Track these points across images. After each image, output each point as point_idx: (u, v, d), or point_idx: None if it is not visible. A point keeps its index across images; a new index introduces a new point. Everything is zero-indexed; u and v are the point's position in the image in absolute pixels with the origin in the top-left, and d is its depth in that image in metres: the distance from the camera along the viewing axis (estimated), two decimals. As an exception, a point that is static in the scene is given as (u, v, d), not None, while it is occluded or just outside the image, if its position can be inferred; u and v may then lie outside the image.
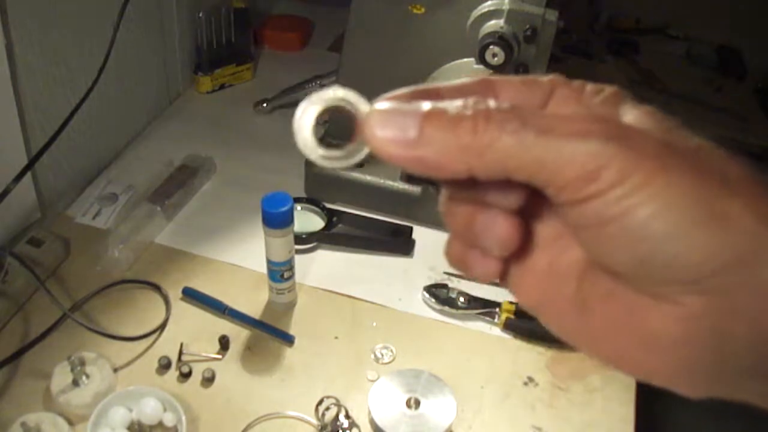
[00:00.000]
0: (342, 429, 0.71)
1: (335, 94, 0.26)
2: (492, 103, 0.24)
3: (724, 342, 0.24)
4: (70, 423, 0.68)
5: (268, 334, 0.80)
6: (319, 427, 0.71)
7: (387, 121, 0.25)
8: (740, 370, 0.25)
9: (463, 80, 0.28)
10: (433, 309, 0.84)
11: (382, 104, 0.25)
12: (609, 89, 0.27)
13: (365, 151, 0.26)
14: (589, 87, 0.27)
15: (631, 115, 0.26)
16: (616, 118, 0.26)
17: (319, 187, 0.97)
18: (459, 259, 0.29)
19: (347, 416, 0.71)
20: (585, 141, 0.23)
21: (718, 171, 0.24)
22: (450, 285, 0.86)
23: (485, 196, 0.27)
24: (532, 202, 0.27)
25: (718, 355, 0.24)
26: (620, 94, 0.27)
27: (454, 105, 0.25)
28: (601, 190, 0.23)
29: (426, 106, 0.25)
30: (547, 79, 0.28)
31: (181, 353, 0.76)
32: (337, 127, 0.80)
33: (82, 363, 0.71)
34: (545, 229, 0.29)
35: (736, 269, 0.23)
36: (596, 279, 0.27)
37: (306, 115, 0.26)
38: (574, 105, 0.27)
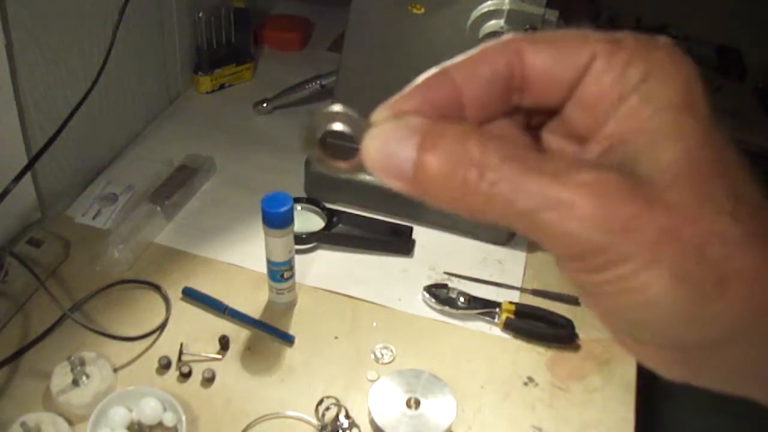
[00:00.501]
0: (342, 429, 0.71)
1: (337, 111, 0.26)
2: (490, 155, 0.22)
3: (702, 369, 0.25)
4: (70, 423, 0.68)
5: (268, 334, 0.80)
6: (319, 427, 0.71)
7: (383, 155, 0.24)
8: (722, 381, 0.26)
9: (484, 48, 0.25)
10: (433, 309, 0.84)
11: (378, 129, 0.24)
12: (654, 80, 0.23)
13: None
14: (635, 70, 0.24)
15: (673, 134, 0.23)
16: (634, 160, 0.23)
17: (319, 187, 0.97)
18: None
19: (347, 416, 0.71)
20: (576, 225, 0.22)
21: (717, 264, 0.22)
22: (450, 285, 0.86)
23: None
24: None
25: (699, 372, 0.25)
26: (670, 85, 0.23)
27: (449, 145, 0.23)
28: (587, 269, 0.23)
29: (420, 136, 0.23)
30: (588, 46, 0.24)
31: (181, 353, 0.76)
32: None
33: (82, 363, 0.71)
34: None
35: (713, 350, 0.24)
36: None
37: (311, 131, 0.26)
38: (610, 84, 0.24)
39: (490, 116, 0.27)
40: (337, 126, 0.25)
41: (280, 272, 0.79)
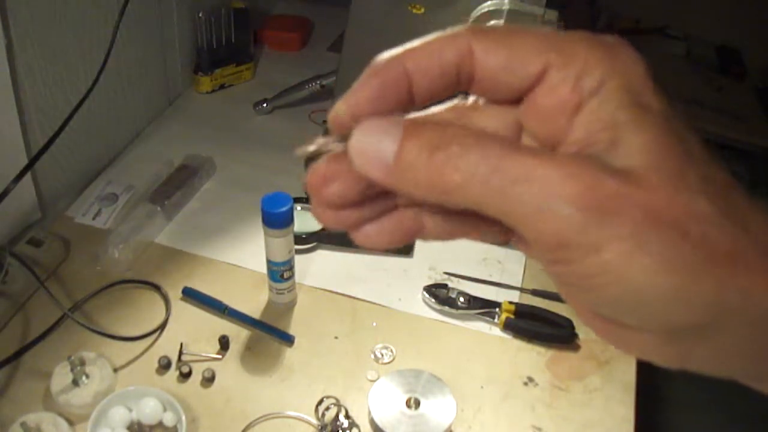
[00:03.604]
0: (342, 429, 0.71)
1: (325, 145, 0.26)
2: (468, 136, 0.23)
3: (692, 353, 0.25)
4: (70, 423, 0.68)
5: (268, 334, 0.80)
6: (319, 427, 0.71)
7: (367, 147, 0.24)
8: (710, 364, 0.26)
9: (437, 38, 0.25)
10: (433, 309, 0.84)
11: (364, 124, 0.25)
12: (610, 82, 0.23)
13: None
14: (590, 79, 0.23)
15: (635, 126, 0.23)
16: (604, 154, 0.23)
17: (319, 187, 0.97)
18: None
19: (347, 416, 0.71)
20: (551, 200, 0.21)
21: (700, 244, 0.22)
22: (450, 285, 0.86)
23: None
24: None
25: (688, 357, 0.25)
26: (625, 84, 0.23)
27: (429, 132, 0.23)
28: (568, 260, 0.22)
29: (402, 129, 0.24)
30: (540, 56, 0.24)
31: (181, 353, 0.76)
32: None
33: (82, 363, 0.71)
34: None
35: (702, 333, 0.23)
36: None
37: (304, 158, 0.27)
38: (567, 95, 0.24)
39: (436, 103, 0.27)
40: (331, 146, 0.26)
41: (280, 272, 0.79)
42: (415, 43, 0.25)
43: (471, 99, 0.28)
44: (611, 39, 0.24)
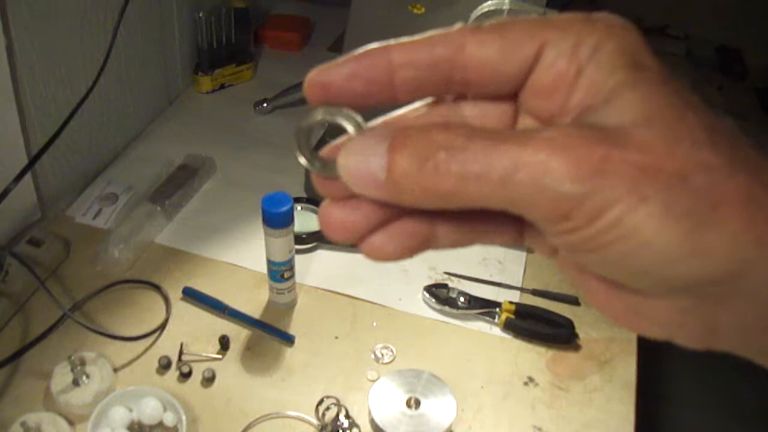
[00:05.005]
0: (342, 429, 0.71)
1: (328, 113, 0.26)
2: (454, 137, 0.23)
3: (719, 323, 0.24)
4: (70, 423, 0.68)
5: (268, 334, 0.80)
6: (320, 427, 0.71)
7: (357, 169, 0.24)
8: (738, 336, 0.25)
9: (431, 35, 0.25)
10: (433, 309, 0.84)
11: (349, 144, 0.24)
12: (604, 48, 0.23)
13: None
14: (585, 47, 0.24)
15: (630, 84, 0.23)
16: (598, 116, 0.23)
17: (319, 187, 0.97)
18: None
19: (347, 416, 0.71)
20: (549, 180, 0.22)
21: (705, 191, 0.22)
22: (450, 285, 0.86)
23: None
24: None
25: (708, 330, 0.25)
26: (618, 49, 0.24)
27: (415, 140, 0.23)
28: (577, 227, 0.22)
29: (387, 142, 0.23)
30: (535, 37, 0.24)
31: (181, 353, 0.76)
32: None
33: (82, 363, 0.71)
34: None
35: (723, 291, 0.23)
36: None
37: (300, 132, 0.26)
38: (566, 66, 0.24)
39: (421, 99, 0.27)
40: (331, 111, 0.26)
41: (280, 272, 0.79)
42: (407, 37, 0.25)
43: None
44: (603, 14, 0.24)
